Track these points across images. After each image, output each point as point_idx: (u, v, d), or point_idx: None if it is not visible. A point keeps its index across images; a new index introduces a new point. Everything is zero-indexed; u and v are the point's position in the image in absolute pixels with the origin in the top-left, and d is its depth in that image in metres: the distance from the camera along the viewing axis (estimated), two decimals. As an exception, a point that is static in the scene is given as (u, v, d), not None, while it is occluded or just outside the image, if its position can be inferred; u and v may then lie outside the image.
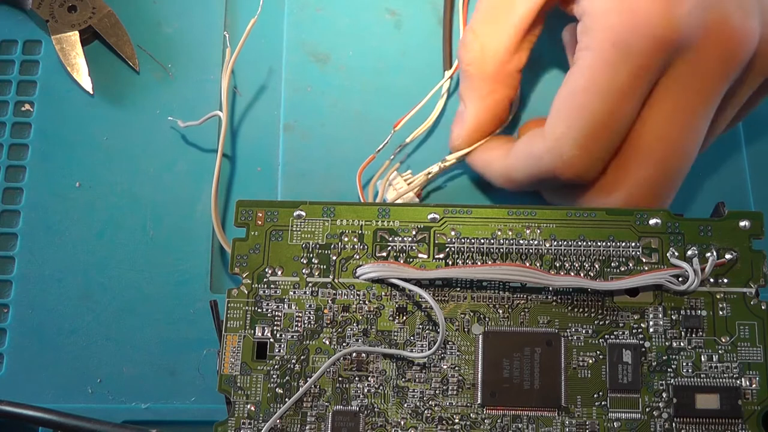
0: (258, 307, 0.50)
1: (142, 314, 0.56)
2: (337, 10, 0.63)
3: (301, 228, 0.51)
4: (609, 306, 0.50)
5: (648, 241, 0.50)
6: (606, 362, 0.49)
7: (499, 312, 0.50)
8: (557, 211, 0.51)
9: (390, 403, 0.49)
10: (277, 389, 0.49)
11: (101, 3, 0.61)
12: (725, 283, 0.50)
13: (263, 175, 0.59)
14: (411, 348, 0.50)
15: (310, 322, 0.50)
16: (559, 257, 0.50)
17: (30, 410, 0.49)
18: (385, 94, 0.61)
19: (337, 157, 0.59)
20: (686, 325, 0.49)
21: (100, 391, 0.54)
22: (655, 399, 0.48)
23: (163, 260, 0.57)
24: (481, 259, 0.51)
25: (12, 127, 0.60)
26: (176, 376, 0.55)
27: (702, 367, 0.49)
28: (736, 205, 0.53)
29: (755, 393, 0.48)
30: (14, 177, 0.59)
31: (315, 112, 0.61)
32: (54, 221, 0.58)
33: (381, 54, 0.62)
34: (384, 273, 0.50)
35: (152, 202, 0.58)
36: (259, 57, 0.62)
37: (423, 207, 0.52)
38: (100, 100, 0.60)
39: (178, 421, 0.54)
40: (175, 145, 0.59)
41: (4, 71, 0.61)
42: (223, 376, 0.49)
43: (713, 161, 0.59)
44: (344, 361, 0.49)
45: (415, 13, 0.63)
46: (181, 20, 0.63)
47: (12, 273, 0.57)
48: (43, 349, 0.55)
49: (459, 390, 0.49)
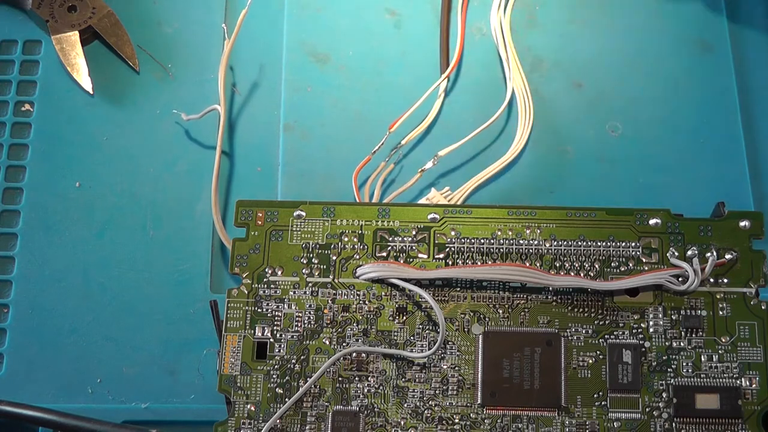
0: (258, 307, 0.50)
1: (142, 314, 0.56)
2: (337, 10, 0.63)
3: (301, 228, 0.51)
4: (609, 306, 0.50)
5: (648, 241, 0.51)
6: (606, 362, 0.49)
7: (499, 312, 0.50)
8: (557, 211, 0.51)
9: (390, 403, 0.49)
10: (277, 389, 0.49)
11: (101, 3, 0.61)
12: (725, 283, 0.50)
13: (263, 175, 0.59)
14: (411, 348, 0.50)
15: (310, 322, 0.50)
16: (559, 257, 0.50)
17: (30, 410, 0.49)
18: (385, 94, 0.61)
19: (337, 156, 0.59)
20: (686, 325, 0.49)
21: (100, 391, 0.54)
22: (655, 399, 0.48)
23: (163, 260, 0.57)
24: (481, 259, 0.51)
25: (12, 127, 0.59)
26: (176, 376, 0.55)
27: (702, 367, 0.49)
28: (736, 205, 0.53)
29: (755, 393, 0.48)
30: (14, 177, 0.59)
31: (315, 112, 0.61)
32: (54, 221, 0.57)
33: (381, 54, 0.62)
34: (384, 273, 0.50)
35: (152, 202, 0.58)
36: (259, 57, 0.62)
37: (423, 207, 0.52)
38: (100, 100, 0.60)
39: (178, 421, 0.54)
40: (174, 145, 0.59)
41: (4, 71, 0.61)
42: (223, 376, 0.49)
43: (713, 161, 0.59)
44: (344, 361, 0.49)
45: (415, 13, 0.63)
46: (181, 20, 0.63)
47: (12, 273, 0.56)
48: (43, 349, 0.55)
49: (459, 390, 0.49)
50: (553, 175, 0.59)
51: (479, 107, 0.60)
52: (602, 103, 0.61)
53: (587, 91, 0.61)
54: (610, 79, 0.62)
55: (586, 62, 0.62)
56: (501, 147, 0.59)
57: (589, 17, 0.63)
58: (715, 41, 0.62)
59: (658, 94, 0.61)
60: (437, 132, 0.60)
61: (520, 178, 0.59)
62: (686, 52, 0.62)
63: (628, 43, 0.63)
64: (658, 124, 0.60)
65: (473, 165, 0.59)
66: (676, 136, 0.60)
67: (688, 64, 0.62)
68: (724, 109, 0.61)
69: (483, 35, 0.63)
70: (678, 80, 0.61)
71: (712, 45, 0.62)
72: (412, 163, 0.59)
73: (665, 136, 0.60)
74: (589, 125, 0.60)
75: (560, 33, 0.63)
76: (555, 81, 0.61)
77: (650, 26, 0.63)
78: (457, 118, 0.60)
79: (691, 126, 0.60)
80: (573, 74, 0.62)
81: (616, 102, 0.61)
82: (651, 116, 0.60)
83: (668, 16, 0.63)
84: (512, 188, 0.59)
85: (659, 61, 0.62)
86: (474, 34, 0.63)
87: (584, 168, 0.59)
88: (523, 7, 0.63)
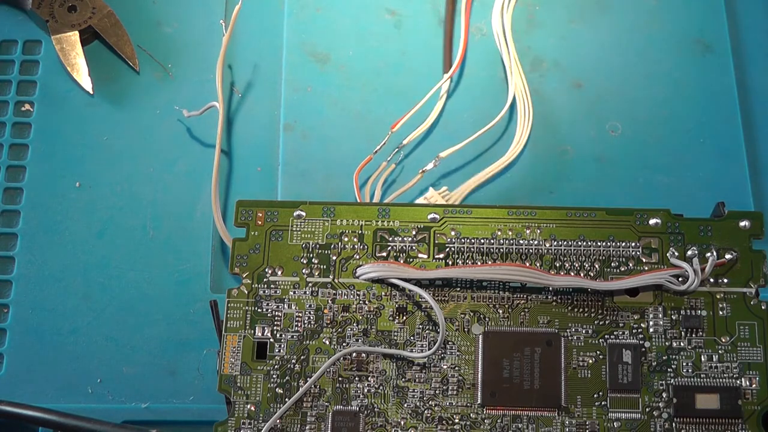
0: (258, 307, 0.50)
1: (142, 314, 0.56)
2: (337, 10, 0.63)
3: (301, 228, 0.51)
4: (609, 306, 0.50)
5: (648, 241, 0.51)
6: (606, 362, 0.49)
7: (499, 312, 0.50)
8: (557, 211, 0.51)
9: (390, 403, 0.49)
10: (277, 389, 0.49)
11: (101, 3, 0.61)
12: (725, 283, 0.50)
13: (263, 175, 0.59)
14: (411, 348, 0.50)
15: (310, 322, 0.50)
16: (559, 257, 0.50)
17: (30, 410, 0.49)
18: (385, 94, 0.61)
19: (338, 157, 0.59)
20: (686, 325, 0.49)
21: (100, 391, 0.54)
22: (655, 399, 0.48)
23: (163, 260, 0.57)
24: (481, 259, 0.51)
25: (12, 127, 0.59)
26: (176, 376, 0.55)
27: (702, 367, 0.49)
28: (736, 205, 0.53)
29: (755, 393, 0.48)
30: (14, 177, 0.59)
31: (315, 112, 0.61)
32: (54, 221, 0.57)
33: (381, 54, 0.62)
34: (384, 273, 0.50)
35: (152, 202, 0.58)
36: (259, 57, 0.62)
37: (423, 207, 0.52)
38: (100, 100, 0.60)
39: (178, 421, 0.54)
40: (174, 145, 0.59)
41: (4, 71, 0.61)
42: (223, 376, 0.49)
43: (713, 161, 0.59)
44: (344, 361, 0.49)
45: (415, 13, 0.63)
46: (181, 20, 0.63)
47: (12, 273, 0.56)
48: (43, 349, 0.55)
49: (459, 390, 0.49)
50: (553, 175, 0.59)
51: (480, 108, 0.60)
52: (602, 103, 0.61)
53: (587, 91, 0.61)
54: (610, 79, 0.62)
55: (586, 62, 0.62)
56: (501, 147, 0.59)
57: (589, 17, 0.63)
58: (715, 41, 0.62)
59: (658, 94, 0.61)
60: (438, 133, 0.60)
61: (519, 178, 0.59)
62: (686, 52, 0.62)
63: (628, 43, 0.63)
64: (658, 124, 0.60)
65: (473, 165, 0.59)
66: (676, 136, 0.60)
67: (688, 64, 0.62)
68: (724, 109, 0.61)
69: (483, 35, 0.63)
70: (678, 80, 0.61)
71: (712, 45, 0.62)
72: (412, 164, 0.59)
73: (665, 136, 0.60)
74: (589, 125, 0.60)
75: (560, 33, 0.63)
76: (555, 81, 0.61)
77: (650, 26, 0.63)
78: (459, 118, 0.60)
79: (691, 126, 0.60)
80: (573, 74, 0.62)
81: (616, 102, 0.61)
82: (651, 116, 0.60)
83: (668, 16, 0.63)
84: (512, 188, 0.59)
85: (659, 61, 0.62)
86: (474, 34, 0.63)
87: (584, 168, 0.59)
88: (523, 7, 0.63)
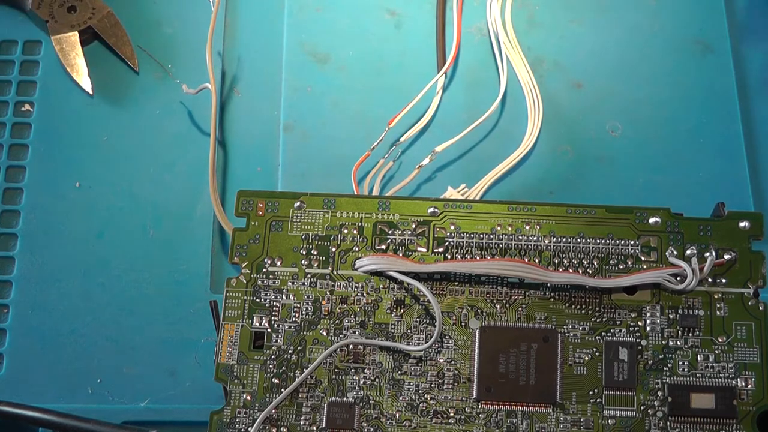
0: (256, 297, 0.50)
1: (142, 314, 0.56)
2: (337, 11, 0.63)
3: (301, 219, 0.51)
4: (606, 303, 0.50)
5: (647, 239, 0.50)
6: (602, 359, 0.49)
7: (497, 307, 0.50)
8: (557, 208, 0.51)
9: (385, 396, 0.49)
10: (274, 379, 0.49)
11: (101, 3, 0.62)
12: (723, 283, 0.50)
13: (263, 175, 0.59)
14: (408, 341, 0.50)
15: (307, 313, 0.50)
16: (558, 254, 0.50)
17: (30, 410, 0.49)
18: (385, 94, 0.61)
19: (337, 156, 0.59)
20: (683, 324, 0.49)
21: (100, 391, 0.54)
22: (650, 397, 0.48)
23: (163, 260, 0.57)
24: (480, 254, 0.51)
25: (12, 127, 0.60)
26: (176, 376, 0.55)
27: (698, 366, 0.49)
28: (736, 205, 0.53)
29: (750, 393, 0.48)
30: (14, 177, 0.59)
31: (315, 112, 0.61)
32: (54, 221, 0.58)
33: (381, 54, 0.62)
34: (383, 266, 0.50)
35: (152, 202, 0.58)
36: (259, 57, 0.62)
37: (423, 201, 0.52)
38: (99, 101, 0.61)
39: (178, 421, 0.54)
40: (175, 146, 0.60)
41: (4, 71, 0.61)
42: (220, 365, 0.49)
43: (713, 161, 0.59)
44: (341, 352, 0.49)
45: (415, 13, 0.63)
46: (181, 20, 0.63)
47: (12, 273, 0.57)
48: (43, 349, 0.55)
49: (454, 384, 0.49)
50: (553, 175, 0.59)
51: (475, 104, 0.60)
52: (602, 103, 0.61)
53: (587, 91, 0.61)
54: (610, 79, 0.62)
55: (586, 62, 0.62)
56: (501, 147, 0.59)
57: (589, 17, 0.63)
58: (715, 41, 0.62)
59: (658, 94, 0.61)
60: (434, 128, 0.60)
61: (519, 178, 0.59)
62: (686, 52, 0.62)
63: (628, 43, 0.63)
64: (658, 124, 0.60)
65: (473, 165, 0.59)
66: (676, 136, 0.60)
67: (688, 64, 0.62)
68: (724, 109, 0.61)
69: (483, 36, 0.63)
70: (678, 80, 0.61)
71: (712, 45, 0.62)
72: (410, 160, 0.59)
73: (665, 136, 0.60)
74: (589, 125, 0.60)
75: (560, 33, 0.63)
76: (555, 81, 0.61)
77: (650, 26, 0.63)
78: (454, 114, 0.60)
79: (691, 126, 0.60)
80: (573, 74, 0.62)
81: (616, 102, 0.61)
82: (651, 116, 0.60)
83: (668, 16, 0.63)
84: (512, 189, 0.59)
85: (659, 61, 0.62)
86: (474, 34, 0.63)
87: (584, 168, 0.59)
88: (523, 7, 0.63)
